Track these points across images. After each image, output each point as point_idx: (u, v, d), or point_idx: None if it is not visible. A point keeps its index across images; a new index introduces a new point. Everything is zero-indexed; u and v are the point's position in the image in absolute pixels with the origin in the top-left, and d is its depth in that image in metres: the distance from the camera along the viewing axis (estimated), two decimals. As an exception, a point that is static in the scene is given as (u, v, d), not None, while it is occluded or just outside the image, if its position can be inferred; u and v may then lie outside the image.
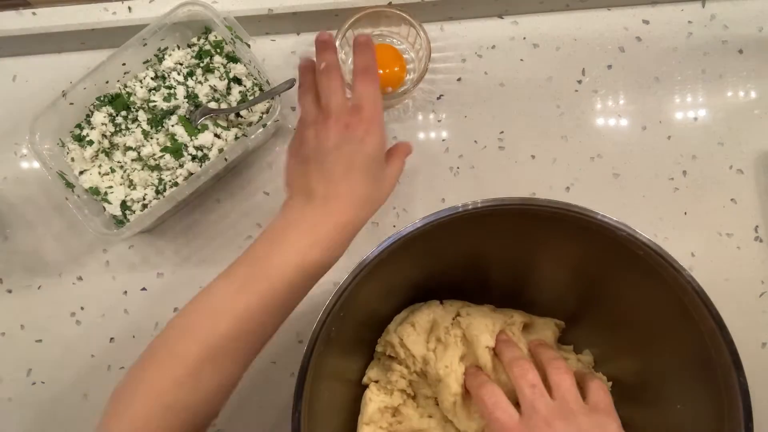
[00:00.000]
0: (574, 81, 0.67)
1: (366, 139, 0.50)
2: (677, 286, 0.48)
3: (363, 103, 0.51)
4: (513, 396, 0.56)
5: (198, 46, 0.65)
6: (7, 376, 0.66)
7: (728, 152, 0.66)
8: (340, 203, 0.49)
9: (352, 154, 0.50)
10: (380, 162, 0.52)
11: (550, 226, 0.51)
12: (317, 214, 0.49)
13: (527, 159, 0.66)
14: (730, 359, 0.46)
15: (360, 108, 0.51)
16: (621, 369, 0.59)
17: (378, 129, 0.51)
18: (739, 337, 0.46)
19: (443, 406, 0.56)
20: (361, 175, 0.50)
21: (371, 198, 0.51)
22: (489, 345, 0.56)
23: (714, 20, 0.68)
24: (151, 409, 0.43)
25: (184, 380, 0.44)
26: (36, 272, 0.66)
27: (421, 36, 0.63)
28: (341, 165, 0.49)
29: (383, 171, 0.53)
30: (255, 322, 0.46)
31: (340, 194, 0.49)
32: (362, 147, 0.50)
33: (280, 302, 0.47)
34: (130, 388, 0.45)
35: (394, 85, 0.65)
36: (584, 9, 0.68)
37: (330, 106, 0.51)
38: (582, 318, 0.61)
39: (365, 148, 0.50)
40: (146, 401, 0.44)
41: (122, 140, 0.64)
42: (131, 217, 0.63)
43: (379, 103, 0.52)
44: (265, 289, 0.46)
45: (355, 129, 0.50)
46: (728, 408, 0.47)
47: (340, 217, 0.49)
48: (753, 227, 0.65)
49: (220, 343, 0.45)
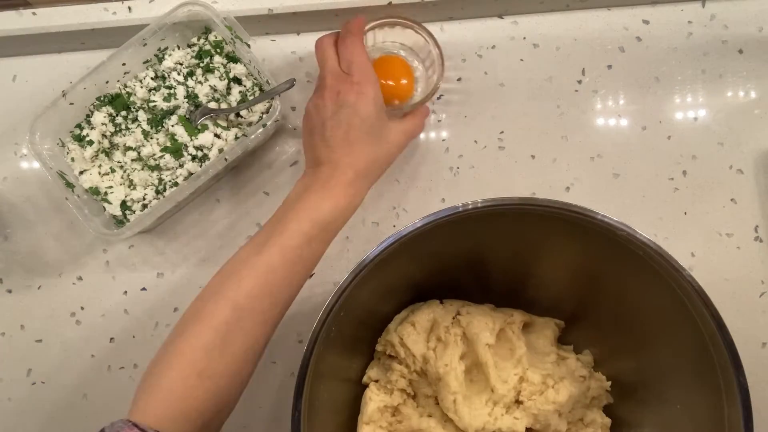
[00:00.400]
0: (574, 81, 0.67)
1: (358, 103, 0.53)
2: (677, 286, 0.48)
3: (351, 68, 0.55)
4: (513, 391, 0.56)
5: (198, 46, 0.65)
6: (7, 376, 0.66)
7: (728, 152, 0.66)
8: (344, 164, 0.53)
9: (348, 118, 0.53)
10: (380, 121, 0.55)
11: (550, 226, 0.51)
12: (325, 177, 0.53)
13: (527, 159, 0.66)
14: (730, 359, 0.46)
15: (349, 73, 0.55)
16: (621, 369, 0.59)
17: (369, 90, 0.54)
18: (739, 337, 0.46)
19: (443, 404, 0.56)
20: (361, 136, 0.54)
21: (376, 155, 0.55)
22: (489, 342, 0.56)
23: (714, 20, 0.68)
24: (186, 378, 0.45)
25: (214, 345, 0.46)
26: (36, 272, 0.66)
27: (434, 52, 0.62)
28: (340, 130, 0.53)
29: (386, 129, 0.56)
30: (278, 278, 0.49)
31: (344, 156, 0.53)
32: (356, 110, 0.53)
33: (299, 256, 0.50)
34: (164, 360, 0.46)
35: (402, 98, 0.63)
36: (584, 9, 0.68)
37: (323, 76, 0.56)
38: (582, 318, 0.61)
39: (359, 111, 0.53)
40: (180, 370, 0.45)
41: (122, 140, 0.64)
42: (131, 217, 0.63)
43: (365, 64, 0.55)
44: (284, 244, 0.49)
45: (346, 94, 0.53)
46: (728, 408, 0.47)
47: (346, 174, 0.53)
48: (753, 227, 0.65)
49: (246, 303, 0.47)
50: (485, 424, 0.55)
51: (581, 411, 0.58)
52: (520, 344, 0.57)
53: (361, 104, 0.53)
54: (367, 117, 0.54)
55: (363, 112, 0.54)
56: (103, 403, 0.65)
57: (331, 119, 0.54)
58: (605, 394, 0.59)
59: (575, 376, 0.58)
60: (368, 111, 0.54)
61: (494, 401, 0.56)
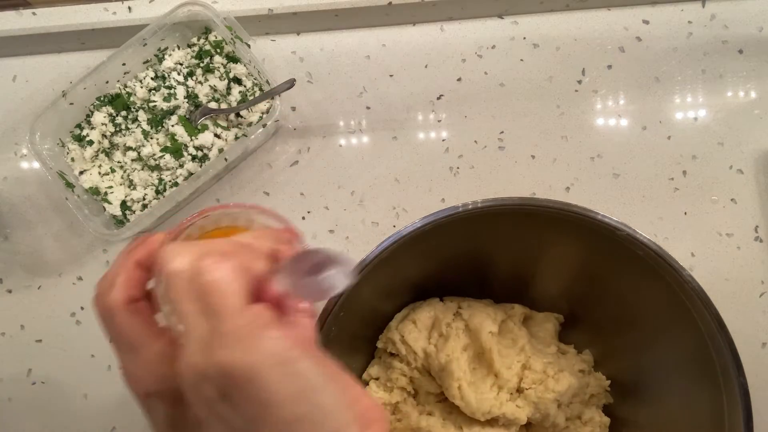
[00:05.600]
0: (574, 81, 0.67)
1: (151, 407, 0.35)
2: (677, 286, 0.48)
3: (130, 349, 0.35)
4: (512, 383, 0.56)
5: (198, 46, 0.65)
6: (7, 376, 0.66)
7: (728, 152, 0.66)
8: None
9: (155, 426, 0.35)
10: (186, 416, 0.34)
11: (550, 226, 0.51)
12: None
13: (527, 159, 0.66)
14: (730, 359, 0.46)
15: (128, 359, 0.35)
16: (621, 369, 0.59)
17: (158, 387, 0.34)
18: (739, 337, 0.46)
19: (449, 393, 0.56)
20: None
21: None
22: (493, 330, 0.56)
23: (714, 20, 0.68)
24: None
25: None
26: (36, 272, 0.66)
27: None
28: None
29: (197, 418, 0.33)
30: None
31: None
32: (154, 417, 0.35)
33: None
34: None
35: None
36: (584, 9, 0.68)
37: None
38: (582, 318, 0.61)
39: (156, 417, 0.35)
40: None
41: (122, 140, 0.64)
42: (131, 217, 0.63)
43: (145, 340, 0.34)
44: None
45: (138, 395, 0.35)
46: (728, 408, 0.47)
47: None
48: (753, 227, 0.65)
49: None
50: (491, 408, 0.54)
51: (579, 408, 0.58)
52: (522, 334, 0.58)
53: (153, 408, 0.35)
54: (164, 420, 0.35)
55: (159, 417, 0.35)
56: (103, 403, 0.65)
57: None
58: (604, 393, 0.59)
59: (574, 369, 0.58)
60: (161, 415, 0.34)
61: (499, 386, 0.56)
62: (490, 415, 0.55)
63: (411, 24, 0.68)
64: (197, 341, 0.29)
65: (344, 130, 0.67)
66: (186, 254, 0.30)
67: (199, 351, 0.28)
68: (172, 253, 0.30)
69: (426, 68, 0.68)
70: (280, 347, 0.28)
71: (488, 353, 0.56)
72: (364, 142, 0.67)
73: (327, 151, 0.67)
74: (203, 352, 0.28)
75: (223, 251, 0.30)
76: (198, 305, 0.29)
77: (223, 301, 0.29)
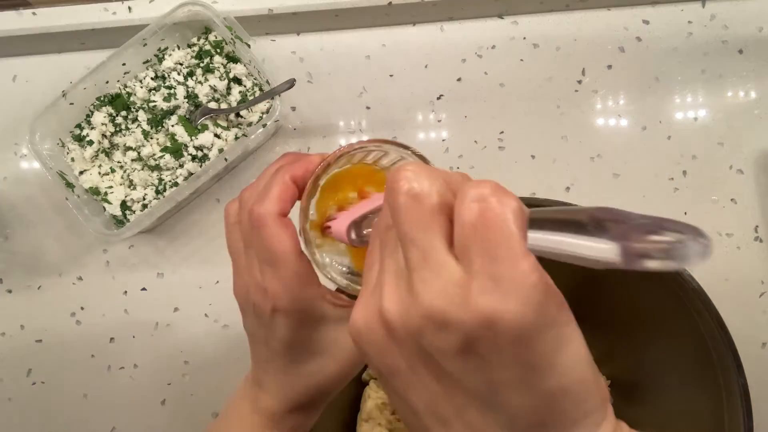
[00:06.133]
0: (574, 81, 0.67)
1: (274, 322, 0.36)
2: (677, 286, 0.48)
3: (264, 271, 0.36)
4: None
5: (198, 46, 0.65)
6: (7, 376, 0.66)
7: (728, 152, 0.66)
8: (267, 394, 0.39)
9: (267, 341, 0.38)
10: (305, 341, 0.37)
11: (550, 226, 0.51)
12: (251, 401, 0.40)
13: (527, 159, 0.66)
14: (730, 359, 0.46)
15: (264, 271, 0.35)
16: (621, 369, 0.59)
17: (288, 306, 0.35)
18: (739, 337, 0.46)
19: None
20: (284, 363, 0.38)
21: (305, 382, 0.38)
22: None
23: (714, 20, 0.68)
24: None
25: None
26: (36, 272, 0.66)
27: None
28: (263, 352, 0.39)
29: (318, 345, 0.38)
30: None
31: (266, 383, 0.39)
32: (272, 333, 0.37)
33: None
34: None
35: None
36: (584, 9, 0.68)
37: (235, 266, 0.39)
38: (582, 318, 0.61)
39: (276, 333, 0.37)
40: None
41: (122, 140, 0.64)
42: (131, 217, 0.63)
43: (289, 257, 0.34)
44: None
45: (262, 308, 0.36)
46: (728, 408, 0.47)
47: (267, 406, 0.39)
48: (753, 227, 0.65)
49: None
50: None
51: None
52: None
53: (277, 326, 0.36)
54: (285, 342, 0.37)
55: (280, 336, 0.37)
56: (103, 403, 0.65)
57: (253, 337, 0.39)
58: (605, 394, 0.59)
59: None
60: (285, 335, 0.36)
61: None
62: None
63: (411, 24, 0.68)
64: (443, 281, 0.24)
65: (344, 130, 0.67)
66: (437, 179, 0.26)
67: (447, 292, 0.24)
68: (420, 173, 0.25)
69: (426, 68, 0.68)
70: (554, 308, 0.25)
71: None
72: (364, 142, 0.67)
73: (327, 151, 0.67)
74: (455, 295, 0.23)
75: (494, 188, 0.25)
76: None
77: (507, 239, 0.23)
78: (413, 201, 0.25)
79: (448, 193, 0.25)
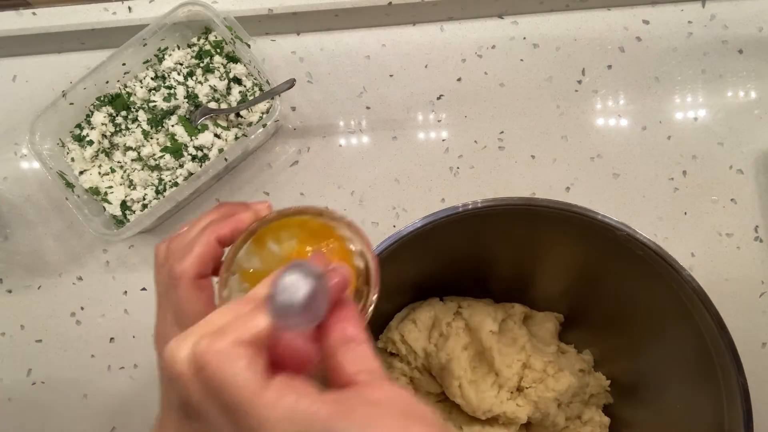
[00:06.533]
0: (574, 81, 0.67)
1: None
2: (677, 286, 0.48)
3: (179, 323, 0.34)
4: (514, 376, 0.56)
5: (198, 46, 0.65)
6: (7, 376, 0.66)
7: (728, 152, 0.66)
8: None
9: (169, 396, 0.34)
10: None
11: (550, 226, 0.51)
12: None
13: (527, 159, 0.66)
14: (730, 359, 0.46)
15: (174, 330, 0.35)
16: (621, 369, 0.59)
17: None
18: (739, 337, 0.46)
19: (449, 391, 0.56)
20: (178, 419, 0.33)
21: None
22: (493, 329, 0.56)
23: (714, 20, 0.68)
24: None
25: None
26: (36, 272, 0.66)
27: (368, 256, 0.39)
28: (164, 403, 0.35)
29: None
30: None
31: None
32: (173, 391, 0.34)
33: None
34: None
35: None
36: (584, 9, 0.68)
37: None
38: (582, 318, 0.61)
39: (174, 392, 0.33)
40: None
41: (122, 140, 0.64)
42: (131, 217, 0.63)
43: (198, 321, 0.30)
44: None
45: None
46: (728, 408, 0.47)
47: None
48: (753, 227, 0.65)
49: None
50: (492, 406, 0.55)
51: (579, 407, 0.58)
52: (522, 333, 0.58)
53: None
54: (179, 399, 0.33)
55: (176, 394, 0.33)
56: (103, 403, 0.65)
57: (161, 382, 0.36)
58: (604, 393, 0.59)
59: (574, 369, 0.58)
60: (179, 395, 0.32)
61: (500, 384, 0.56)
62: (491, 413, 0.55)
63: (411, 24, 0.68)
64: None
65: (344, 130, 0.67)
66: (184, 346, 0.27)
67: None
68: (172, 353, 0.27)
69: (426, 68, 0.68)
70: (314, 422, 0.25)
71: (488, 352, 0.56)
72: (364, 142, 0.67)
73: (327, 151, 0.67)
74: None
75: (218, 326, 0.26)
76: (216, 404, 0.25)
77: (235, 393, 0.25)
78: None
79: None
